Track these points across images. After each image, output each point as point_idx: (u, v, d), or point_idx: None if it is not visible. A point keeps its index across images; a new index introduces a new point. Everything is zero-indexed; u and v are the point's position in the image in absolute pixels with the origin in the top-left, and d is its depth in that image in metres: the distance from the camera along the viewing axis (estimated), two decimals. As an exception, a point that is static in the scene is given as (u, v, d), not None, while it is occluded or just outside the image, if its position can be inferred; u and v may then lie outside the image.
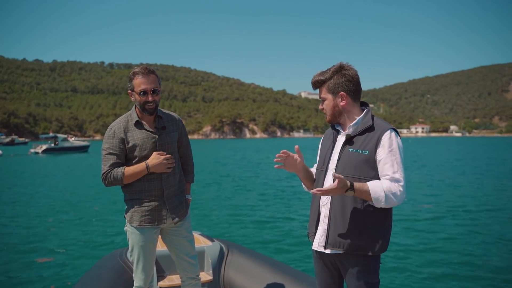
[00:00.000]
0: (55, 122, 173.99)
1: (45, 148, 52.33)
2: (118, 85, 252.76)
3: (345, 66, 2.38)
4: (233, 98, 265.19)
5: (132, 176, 2.83)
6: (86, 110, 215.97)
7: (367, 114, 2.40)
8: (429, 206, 12.13)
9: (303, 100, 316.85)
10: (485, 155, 42.02)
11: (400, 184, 2.22)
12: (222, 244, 4.25)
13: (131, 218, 2.91)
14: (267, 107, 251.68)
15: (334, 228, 2.32)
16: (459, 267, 6.70)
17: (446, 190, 15.65)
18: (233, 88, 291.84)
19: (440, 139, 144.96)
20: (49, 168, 28.89)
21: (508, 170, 24.49)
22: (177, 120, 3.08)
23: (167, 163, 2.86)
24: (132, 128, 2.87)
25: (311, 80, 2.45)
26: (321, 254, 2.45)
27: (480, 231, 9.01)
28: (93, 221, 10.64)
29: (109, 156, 2.85)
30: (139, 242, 2.91)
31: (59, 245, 8.30)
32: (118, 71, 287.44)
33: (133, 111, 2.93)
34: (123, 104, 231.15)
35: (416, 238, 8.57)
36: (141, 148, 2.85)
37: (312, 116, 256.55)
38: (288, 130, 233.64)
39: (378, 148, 2.27)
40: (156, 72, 2.86)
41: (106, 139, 2.88)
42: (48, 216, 11.17)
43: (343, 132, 2.45)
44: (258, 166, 30.22)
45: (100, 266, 3.83)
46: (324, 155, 2.51)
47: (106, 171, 2.84)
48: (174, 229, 3.04)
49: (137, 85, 2.80)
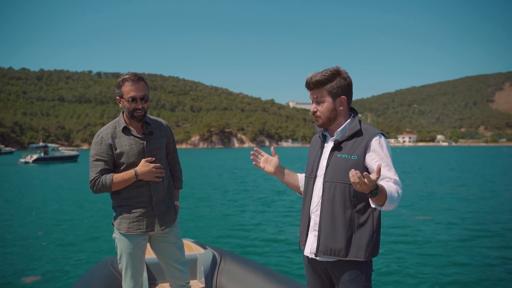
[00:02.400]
0: (41, 132, 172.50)
1: (36, 157, 52.00)
2: (106, 94, 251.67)
3: (343, 70, 2.33)
4: (222, 108, 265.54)
5: (120, 183, 2.80)
6: (73, 120, 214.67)
7: (354, 119, 2.37)
8: (424, 215, 12.24)
9: (291, 110, 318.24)
10: (484, 165, 42.41)
11: (400, 186, 2.20)
12: (214, 251, 4.24)
13: (119, 225, 2.88)
14: (255, 116, 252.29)
15: (325, 235, 2.30)
16: (453, 272, 6.77)
17: (451, 200, 15.80)
18: (222, 98, 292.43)
19: (427, 149, 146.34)
20: (45, 178, 28.47)
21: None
22: (164, 126, 3.06)
23: (156, 172, 2.85)
24: (120, 135, 2.84)
25: (307, 79, 2.35)
26: (312, 262, 2.42)
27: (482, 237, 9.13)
28: (84, 228, 10.59)
29: (96, 162, 2.82)
30: (127, 249, 2.88)
31: (50, 253, 8.24)
32: (106, 80, 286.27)
33: (120, 118, 2.90)
34: (111, 113, 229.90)
35: (409, 243, 8.64)
36: (128, 154, 2.82)
37: (301, 125, 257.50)
38: (277, 139, 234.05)
39: (368, 153, 2.25)
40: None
41: (94, 146, 2.84)
42: (40, 226, 11.08)
43: (331, 138, 2.40)
44: (249, 174, 30.23)
45: (91, 274, 3.81)
46: (312, 162, 2.47)
47: (94, 178, 2.80)
48: (162, 236, 3.01)
49: (127, 92, 2.76)
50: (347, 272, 2.29)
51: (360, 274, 2.28)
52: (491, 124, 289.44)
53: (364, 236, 2.25)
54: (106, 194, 2.98)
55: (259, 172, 32.81)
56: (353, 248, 2.25)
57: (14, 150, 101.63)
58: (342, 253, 2.26)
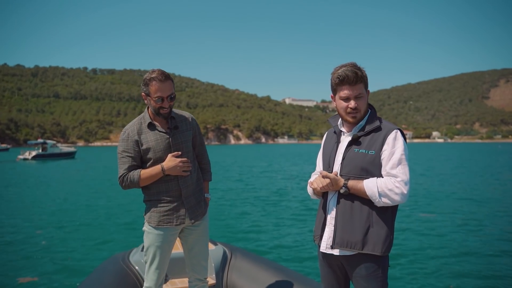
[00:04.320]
0: (37, 128, 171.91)
1: (35, 154, 51.95)
2: (102, 90, 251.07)
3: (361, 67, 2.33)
4: (218, 104, 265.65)
5: (148, 178, 2.83)
6: (68, 116, 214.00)
7: (374, 115, 2.38)
8: (437, 212, 12.18)
9: (287, 107, 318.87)
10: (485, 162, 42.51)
11: (397, 179, 2.19)
12: (225, 248, 4.21)
13: (149, 218, 2.91)
14: (251, 113, 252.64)
15: (341, 228, 2.28)
16: (470, 268, 6.67)
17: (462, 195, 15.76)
18: (218, 94, 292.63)
19: (423, 145, 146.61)
20: (49, 174, 28.17)
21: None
22: (190, 119, 3.06)
23: (183, 166, 2.85)
24: (145, 130, 2.87)
25: (348, 75, 2.25)
26: (328, 257, 2.40)
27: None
28: (95, 225, 10.56)
29: (124, 159, 2.85)
30: (155, 242, 2.91)
31: (60, 250, 8.16)
32: (101, 76, 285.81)
33: (145, 113, 2.93)
34: (106, 110, 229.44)
35: (426, 239, 8.56)
36: (155, 150, 2.84)
37: (297, 122, 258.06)
38: (273, 136, 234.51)
39: (383, 147, 2.26)
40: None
41: (121, 142, 2.87)
42: (48, 223, 10.97)
43: (348, 133, 2.39)
44: (259, 171, 30.22)
45: (102, 269, 3.78)
46: (328, 157, 2.45)
47: (122, 174, 2.84)
48: (191, 228, 3.03)
49: (154, 92, 2.77)
50: (364, 267, 2.26)
51: (377, 268, 2.26)
52: (486, 121, 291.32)
53: (382, 231, 2.24)
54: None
55: (261, 169, 32.74)
56: (370, 241, 2.23)
57: (9, 147, 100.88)
58: (358, 246, 2.24)
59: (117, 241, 8.86)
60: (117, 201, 14.58)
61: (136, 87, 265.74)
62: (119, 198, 15.10)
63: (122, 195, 15.73)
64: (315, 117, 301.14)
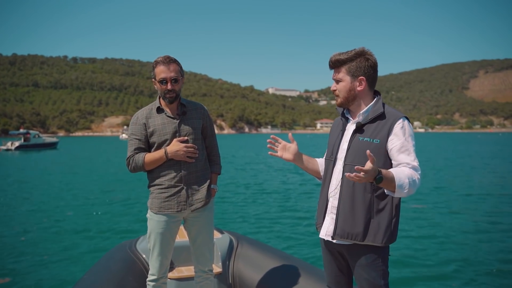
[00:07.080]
0: (15, 118, 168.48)
1: (18, 145, 50.97)
2: (83, 80, 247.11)
3: (368, 51, 2.31)
4: (201, 94, 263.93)
5: (152, 162, 2.86)
6: (48, 106, 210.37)
7: (378, 102, 2.35)
8: (440, 200, 12.27)
9: (270, 96, 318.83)
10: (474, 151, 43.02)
11: (418, 172, 2.17)
12: (231, 236, 4.19)
13: (151, 204, 2.94)
14: (234, 103, 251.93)
15: (343, 219, 2.28)
16: (471, 261, 6.65)
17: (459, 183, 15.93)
18: (201, 84, 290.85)
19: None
20: (40, 167, 27.18)
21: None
22: (201, 109, 3.08)
23: (187, 151, 2.86)
24: (154, 114, 2.92)
25: (329, 59, 2.34)
26: (328, 244, 2.41)
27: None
28: (99, 214, 10.64)
29: (132, 141, 2.92)
30: (156, 229, 2.91)
31: (67, 238, 8.26)
32: (82, 65, 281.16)
33: (157, 100, 2.99)
34: (88, 99, 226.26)
35: (427, 230, 8.60)
36: (160, 133, 2.88)
37: (280, 112, 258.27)
38: (256, 126, 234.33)
39: (390, 136, 2.22)
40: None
41: (131, 125, 2.96)
42: (51, 212, 10.99)
43: (353, 120, 2.38)
44: (264, 159, 30.41)
45: (109, 257, 3.77)
46: (333, 145, 2.45)
47: (129, 156, 2.91)
48: (193, 217, 3.01)
49: (158, 74, 2.82)
50: (364, 256, 2.27)
51: (376, 258, 2.26)
52: (466, 111, 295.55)
53: (382, 222, 2.23)
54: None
55: (262, 159, 32.73)
56: (370, 232, 2.23)
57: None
58: (359, 237, 2.24)
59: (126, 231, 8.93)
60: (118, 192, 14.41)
61: (118, 76, 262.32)
62: (117, 191, 14.97)
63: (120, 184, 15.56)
64: (298, 107, 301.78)
